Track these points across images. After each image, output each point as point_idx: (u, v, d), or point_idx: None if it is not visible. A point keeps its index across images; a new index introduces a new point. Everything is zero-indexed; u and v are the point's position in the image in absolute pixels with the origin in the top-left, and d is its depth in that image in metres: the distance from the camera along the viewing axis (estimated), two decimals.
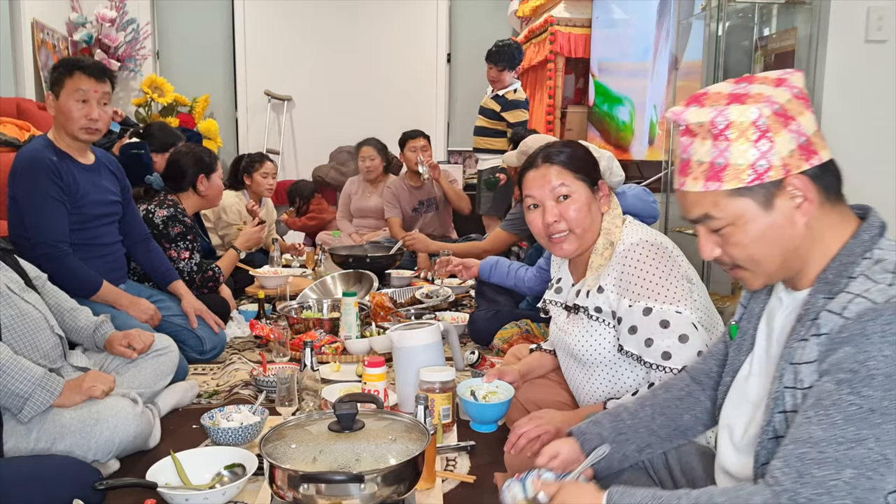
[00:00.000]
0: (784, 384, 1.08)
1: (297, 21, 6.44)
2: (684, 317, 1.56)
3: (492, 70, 4.66)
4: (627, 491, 1.12)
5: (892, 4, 2.86)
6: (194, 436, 2.09)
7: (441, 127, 6.59)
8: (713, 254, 1.14)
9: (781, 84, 1.07)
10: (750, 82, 1.09)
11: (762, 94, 1.06)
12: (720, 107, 1.07)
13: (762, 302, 1.23)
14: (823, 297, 1.06)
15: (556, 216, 1.70)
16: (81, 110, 2.41)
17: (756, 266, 1.12)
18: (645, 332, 1.59)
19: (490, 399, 2.02)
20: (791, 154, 1.05)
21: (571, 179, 1.70)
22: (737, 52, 3.39)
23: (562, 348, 1.84)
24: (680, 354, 1.55)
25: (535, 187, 1.72)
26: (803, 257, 1.10)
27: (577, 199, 1.70)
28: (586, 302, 1.72)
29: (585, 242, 1.73)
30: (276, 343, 2.73)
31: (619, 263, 1.66)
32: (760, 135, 1.04)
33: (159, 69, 6.27)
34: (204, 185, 3.28)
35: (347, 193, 5.09)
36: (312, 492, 1.31)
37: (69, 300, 2.20)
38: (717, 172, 1.07)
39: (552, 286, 1.93)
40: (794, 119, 1.05)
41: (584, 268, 1.77)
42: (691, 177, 1.11)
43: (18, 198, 2.43)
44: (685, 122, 1.11)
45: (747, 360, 1.23)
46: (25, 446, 1.75)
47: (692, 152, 1.10)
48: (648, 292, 1.59)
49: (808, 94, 1.09)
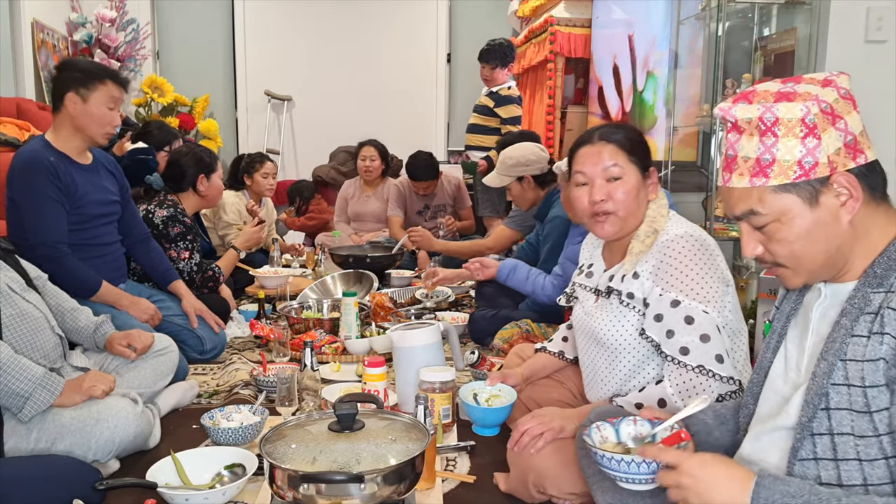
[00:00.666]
0: (832, 381, 1.07)
1: (297, 21, 6.44)
2: (710, 317, 1.56)
3: (485, 69, 4.73)
4: (780, 479, 1.03)
5: (891, 4, 2.85)
6: (194, 436, 2.09)
7: (441, 127, 6.59)
8: (756, 251, 1.14)
9: (829, 84, 1.09)
10: (797, 82, 1.10)
11: (810, 93, 1.07)
12: (768, 103, 1.08)
13: (794, 301, 1.23)
14: (873, 291, 1.06)
15: (605, 195, 1.67)
16: (107, 116, 2.49)
17: (798, 263, 1.11)
18: (668, 324, 1.58)
19: (493, 403, 2.02)
20: (837, 152, 1.06)
21: (625, 161, 1.67)
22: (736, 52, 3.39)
23: (585, 333, 1.82)
24: (698, 352, 1.54)
25: (588, 164, 1.69)
26: (846, 255, 1.10)
27: (626, 182, 1.67)
28: (620, 286, 1.69)
29: (627, 227, 1.70)
30: (276, 343, 2.74)
31: (659, 252, 1.64)
32: (808, 132, 1.05)
33: (159, 69, 6.27)
34: (204, 185, 3.28)
35: (344, 197, 5.08)
36: (312, 492, 1.31)
37: (69, 300, 2.20)
38: (763, 168, 1.08)
39: (582, 270, 1.90)
40: (842, 118, 1.06)
41: (619, 253, 1.75)
42: (737, 173, 1.11)
43: (17, 199, 2.43)
44: (734, 118, 1.11)
45: (779, 356, 1.22)
46: (25, 446, 1.75)
47: (739, 148, 1.11)
48: (682, 285, 1.58)
49: (853, 96, 1.10)
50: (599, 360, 1.78)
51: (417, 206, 4.75)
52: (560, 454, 1.61)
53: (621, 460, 1.20)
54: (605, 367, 1.76)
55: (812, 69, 2.96)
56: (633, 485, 1.21)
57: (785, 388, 1.19)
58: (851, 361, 1.05)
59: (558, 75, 5.16)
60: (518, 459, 1.68)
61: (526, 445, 1.65)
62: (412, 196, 4.76)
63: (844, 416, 1.06)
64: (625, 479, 1.21)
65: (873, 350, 1.03)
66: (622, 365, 1.71)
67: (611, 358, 1.74)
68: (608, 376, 1.75)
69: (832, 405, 1.07)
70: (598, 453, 1.23)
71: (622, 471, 1.20)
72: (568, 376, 2.05)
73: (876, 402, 1.03)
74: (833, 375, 1.07)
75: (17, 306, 1.88)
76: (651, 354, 1.67)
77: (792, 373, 1.19)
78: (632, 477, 1.20)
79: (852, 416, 1.05)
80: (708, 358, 1.54)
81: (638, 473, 1.19)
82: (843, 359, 1.06)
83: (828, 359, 1.08)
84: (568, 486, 1.60)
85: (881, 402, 1.03)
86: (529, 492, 1.66)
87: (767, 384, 1.23)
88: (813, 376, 1.10)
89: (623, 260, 1.71)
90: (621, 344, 1.70)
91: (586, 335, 1.81)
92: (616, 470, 1.21)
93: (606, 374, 1.76)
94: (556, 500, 1.65)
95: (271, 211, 4.69)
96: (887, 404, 1.03)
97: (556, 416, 1.69)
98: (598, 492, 1.44)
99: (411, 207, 4.76)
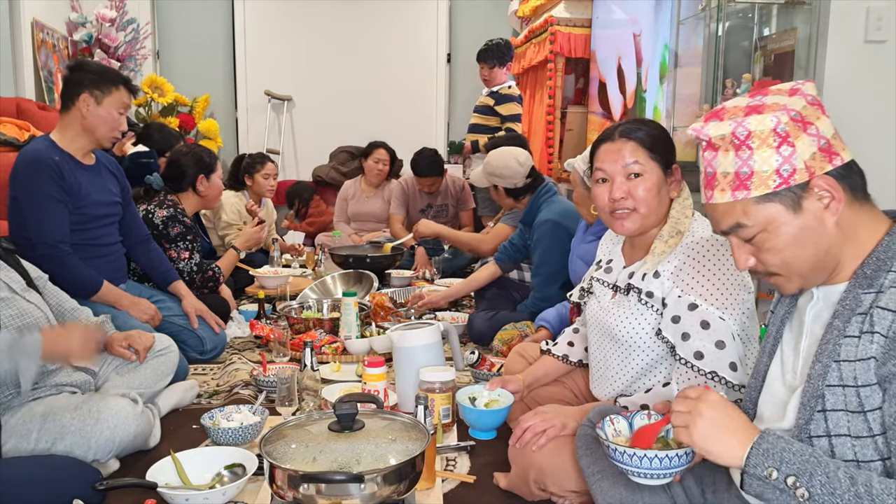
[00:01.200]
0: (828, 382, 1.07)
1: (297, 21, 6.44)
2: (726, 325, 1.55)
3: (483, 69, 4.75)
4: (784, 438, 1.05)
5: (891, 4, 2.85)
6: (194, 436, 2.09)
7: (441, 127, 6.59)
8: (748, 263, 1.15)
9: (795, 93, 1.10)
10: (765, 94, 1.12)
11: (778, 104, 1.09)
12: (739, 118, 1.10)
13: (788, 305, 1.24)
14: (864, 292, 1.07)
15: (624, 192, 1.65)
16: (116, 121, 2.54)
17: (790, 270, 1.13)
18: (685, 326, 1.57)
19: (491, 406, 2.01)
20: (813, 157, 1.07)
21: (646, 158, 1.65)
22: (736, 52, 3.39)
23: (599, 328, 1.81)
24: (712, 358, 1.54)
25: (608, 161, 1.68)
26: (836, 257, 1.11)
27: (647, 179, 1.65)
28: (640, 284, 1.68)
29: (647, 224, 1.69)
30: (276, 343, 2.74)
31: (683, 254, 1.63)
32: (781, 140, 1.07)
33: (159, 69, 6.27)
34: (204, 185, 3.28)
35: (344, 197, 5.07)
36: (312, 492, 1.31)
37: (70, 301, 2.20)
38: (743, 181, 1.09)
39: (600, 266, 1.89)
40: (812, 123, 1.08)
41: (641, 250, 1.74)
42: (718, 189, 1.13)
43: (20, 198, 2.44)
44: (707, 137, 1.13)
45: (775, 360, 1.23)
46: (26, 446, 1.75)
47: (717, 165, 1.12)
48: (702, 289, 1.57)
49: (821, 101, 1.12)
50: (612, 355, 1.77)
51: (420, 205, 4.75)
52: (562, 452, 1.62)
53: (632, 454, 1.20)
54: (617, 364, 1.75)
55: (812, 69, 2.96)
56: (648, 479, 1.22)
57: (782, 391, 1.19)
58: (845, 362, 1.06)
59: (558, 75, 5.16)
60: (519, 456, 1.69)
61: (528, 443, 1.66)
62: (415, 195, 4.76)
63: (841, 417, 1.06)
64: (639, 475, 1.22)
65: (864, 349, 1.04)
66: (634, 363, 1.71)
67: (624, 355, 1.73)
68: (619, 373, 1.75)
69: (828, 406, 1.07)
70: (612, 447, 1.23)
71: (636, 466, 1.21)
72: (570, 376, 2.05)
73: (869, 402, 1.04)
74: (828, 377, 1.08)
75: (16, 306, 1.88)
76: (664, 355, 1.67)
77: (788, 376, 1.19)
78: (645, 472, 1.20)
79: (848, 416, 1.06)
80: (721, 364, 1.53)
81: (650, 468, 1.20)
82: (837, 360, 1.07)
83: (822, 360, 1.09)
84: (569, 483, 1.60)
85: (874, 401, 1.04)
86: (530, 489, 1.67)
87: (765, 388, 1.24)
88: (808, 378, 1.10)
89: (644, 258, 1.70)
90: (636, 342, 1.69)
91: (600, 330, 1.80)
92: (630, 465, 1.21)
93: (617, 371, 1.75)
94: (556, 497, 1.66)
95: (271, 211, 4.69)
96: (880, 404, 1.03)
97: (557, 413, 1.69)
98: (598, 491, 1.44)
99: (414, 206, 4.76)
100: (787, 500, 1.01)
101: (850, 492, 0.96)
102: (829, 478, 0.98)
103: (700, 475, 1.36)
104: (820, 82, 2.94)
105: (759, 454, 1.03)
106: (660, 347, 1.67)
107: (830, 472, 0.99)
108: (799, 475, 1.00)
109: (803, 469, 1.00)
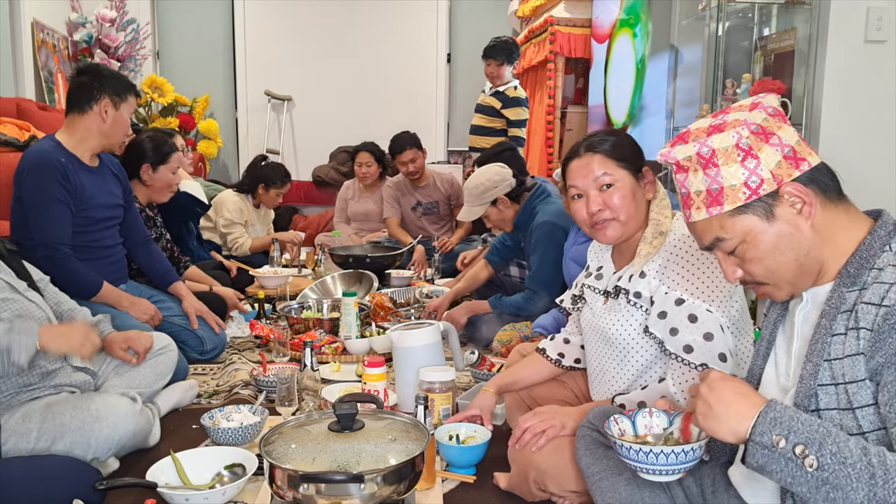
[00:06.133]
0: (819, 382, 1.09)
1: (297, 21, 6.44)
2: (714, 317, 1.56)
3: (490, 65, 4.63)
4: (791, 408, 1.03)
5: (891, 4, 2.86)
6: (194, 436, 2.09)
7: (441, 127, 6.59)
8: (736, 275, 1.18)
9: (756, 107, 1.14)
10: (726, 112, 1.17)
11: (738, 120, 1.13)
12: (702, 139, 1.14)
13: (780, 308, 1.25)
14: (848, 290, 1.09)
15: (600, 205, 1.68)
16: (128, 127, 2.63)
17: (776, 278, 1.15)
18: (672, 322, 1.59)
19: (468, 442, 1.94)
20: (779, 165, 1.10)
21: (614, 167, 1.68)
22: (736, 52, 3.39)
23: (594, 333, 1.82)
24: (701, 351, 1.55)
25: (579, 177, 1.71)
26: (817, 259, 1.13)
27: (620, 188, 1.68)
28: (628, 286, 1.70)
29: (629, 229, 1.71)
30: (276, 343, 2.74)
31: (666, 252, 1.65)
32: (745, 154, 1.11)
33: (159, 69, 6.27)
34: (148, 175, 3.08)
35: (343, 198, 5.07)
36: (312, 492, 1.31)
37: (69, 301, 2.19)
38: (715, 197, 1.13)
39: (590, 273, 1.91)
40: (774, 133, 1.11)
41: (628, 255, 1.76)
42: (694, 207, 1.17)
43: (24, 197, 2.43)
44: (674, 160, 1.17)
45: (770, 363, 1.24)
46: (26, 445, 1.75)
47: (689, 185, 1.17)
48: (687, 284, 1.60)
49: (783, 112, 1.15)
50: (608, 359, 1.78)
51: (410, 203, 4.71)
52: (561, 452, 1.62)
53: (639, 450, 1.21)
54: (614, 367, 1.76)
55: (812, 69, 2.97)
56: (658, 476, 1.22)
57: (777, 393, 1.20)
58: (835, 361, 1.07)
59: (558, 75, 5.17)
60: (519, 457, 1.69)
61: (527, 443, 1.66)
62: (405, 192, 4.71)
63: (834, 416, 1.07)
64: (649, 471, 1.22)
65: (851, 346, 1.05)
66: (631, 364, 1.72)
67: (620, 357, 1.74)
68: (616, 376, 1.76)
69: (822, 406, 1.08)
70: (622, 444, 1.24)
71: (647, 462, 1.21)
72: (570, 376, 2.04)
73: (857, 399, 1.04)
74: (819, 376, 1.09)
75: (19, 305, 1.88)
76: (659, 354, 1.68)
77: (782, 378, 1.21)
78: (656, 468, 1.21)
79: (841, 415, 1.06)
80: (711, 357, 1.55)
81: (656, 464, 1.20)
82: (828, 359, 1.08)
83: (813, 360, 1.10)
84: (569, 483, 1.61)
85: (862, 398, 1.04)
86: (530, 489, 1.67)
87: (760, 391, 1.24)
88: (801, 379, 1.12)
89: (632, 261, 1.72)
90: (630, 343, 1.70)
91: (595, 334, 1.82)
92: (644, 462, 1.22)
93: (615, 374, 1.76)
94: (556, 497, 1.66)
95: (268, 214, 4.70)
96: (870, 400, 1.04)
97: (557, 413, 1.70)
98: (598, 491, 1.44)
99: (405, 204, 4.73)
100: (791, 470, 0.98)
101: (862, 461, 0.95)
102: (839, 447, 0.96)
103: (700, 476, 1.36)
104: (820, 82, 2.94)
105: (766, 422, 1.01)
106: (654, 347, 1.67)
107: (841, 441, 0.97)
108: (808, 444, 0.98)
109: (812, 438, 0.98)
